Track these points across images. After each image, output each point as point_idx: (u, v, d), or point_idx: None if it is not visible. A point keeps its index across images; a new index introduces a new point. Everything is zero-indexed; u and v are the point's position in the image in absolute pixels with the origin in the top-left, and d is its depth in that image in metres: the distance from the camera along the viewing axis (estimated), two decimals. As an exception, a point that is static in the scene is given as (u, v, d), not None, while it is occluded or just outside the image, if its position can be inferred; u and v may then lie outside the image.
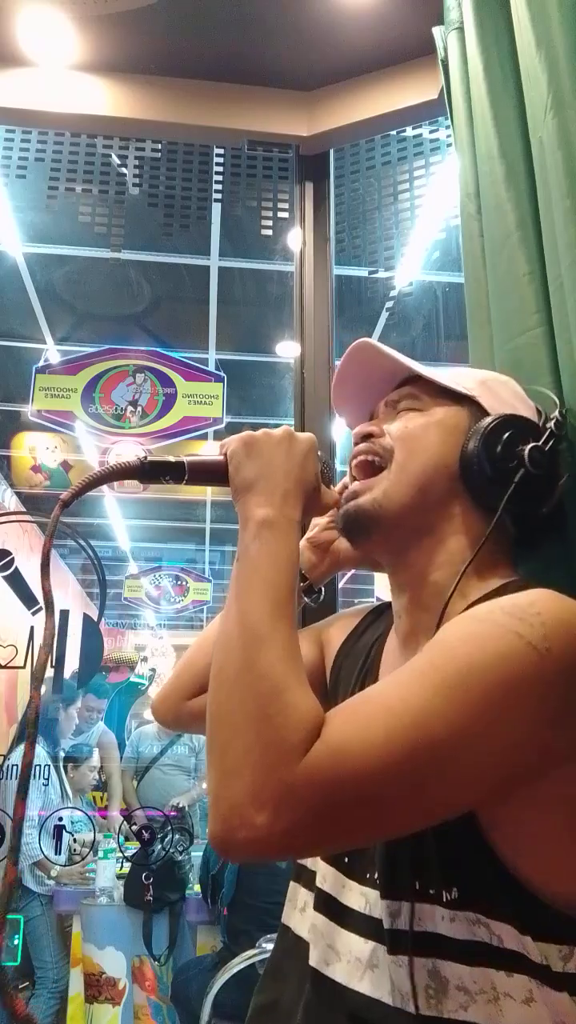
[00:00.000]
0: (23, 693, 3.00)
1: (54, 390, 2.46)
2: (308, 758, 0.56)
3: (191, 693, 0.97)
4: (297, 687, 0.61)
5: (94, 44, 1.73)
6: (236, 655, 0.62)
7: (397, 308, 2.44)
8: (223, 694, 0.62)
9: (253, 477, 0.73)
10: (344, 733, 0.58)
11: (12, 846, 0.65)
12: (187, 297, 3.25)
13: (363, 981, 0.69)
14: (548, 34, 0.99)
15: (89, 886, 2.93)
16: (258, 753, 0.56)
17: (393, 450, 0.80)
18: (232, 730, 0.59)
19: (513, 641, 0.60)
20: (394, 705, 0.59)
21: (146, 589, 5.24)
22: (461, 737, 0.57)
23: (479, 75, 1.19)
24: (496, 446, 0.76)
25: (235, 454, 0.75)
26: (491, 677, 0.59)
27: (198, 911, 2.90)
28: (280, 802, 0.55)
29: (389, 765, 0.56)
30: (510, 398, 0.84)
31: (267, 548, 0.69)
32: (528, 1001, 0.62)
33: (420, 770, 0.57)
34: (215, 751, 0.60)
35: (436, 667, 0.61)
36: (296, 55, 1.76)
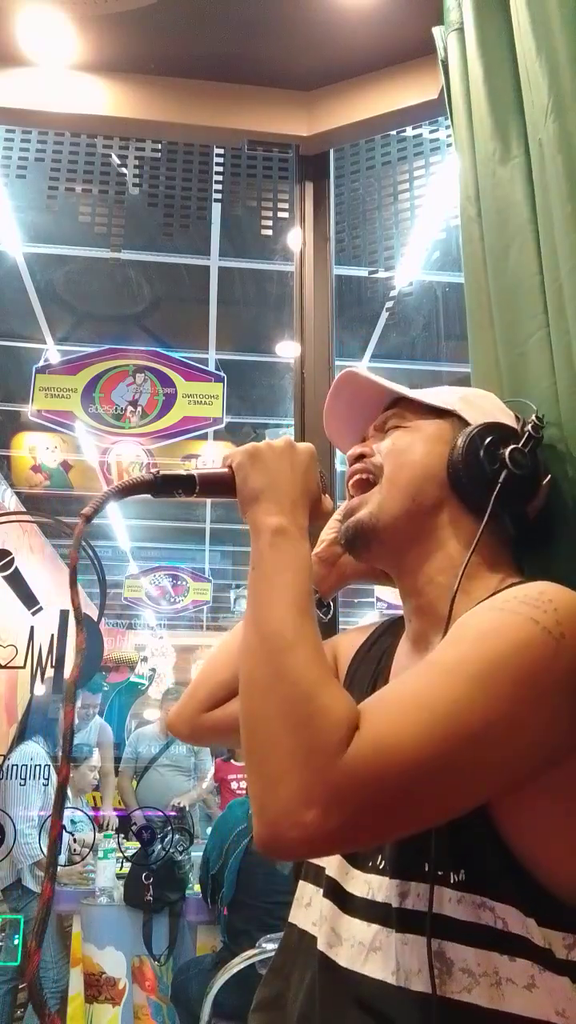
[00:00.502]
0: (23, 693, 3.00)
1: (54, 390, 2.46)
2: (350, 755, 0.58)
3: (207, 707, 0.99)
4: (330, 687, 0.63)
5: (94, 44, 1.73)
6: (265, 662, 0.64)
7: (397, 308, 2.44)
8: (257, 701, 0.63)
9: (261, 487, 0.76)
10: (382, 728, 0.60)
11: (49, 861, 0.67)
12: (187, 297, 3.26)
13: (367, 964, 0.71)
14: (548, 38, 0.99)
15: (89, 886, 2.94)
16: (302, 756, 0.58)
17: (383, 466, 0.85)
18: (271, 736, 0.60)
19: (531, 628, 0.64)
20: (427, 697, 0.61)
21: (146, 589, 5.24)
22: (494, 724, 0.60)
23: (479, 77, 1.19)
24: (479, 451, 0.81)
25: (241, 466, 0.78)
26: (515, 664, 0.62)
27: (198, 911, 2.90)
28: (328, 800, 0.56)
29: (428, 756, 0.58)
30: (491, 409, 0.89)
31: (283, 555, 0.71)
32: (530, 987, 0.64)
33: (458, 759, 0.59)
34: (256, 758, 0.61)
35: (462, 659, 0.63)
36: (296, 55, 1.76)
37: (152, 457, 2.86)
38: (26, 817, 2.52)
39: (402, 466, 0.84)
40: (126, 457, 2.82)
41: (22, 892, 2.73)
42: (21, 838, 2.49)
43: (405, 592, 0.87)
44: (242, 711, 0.65)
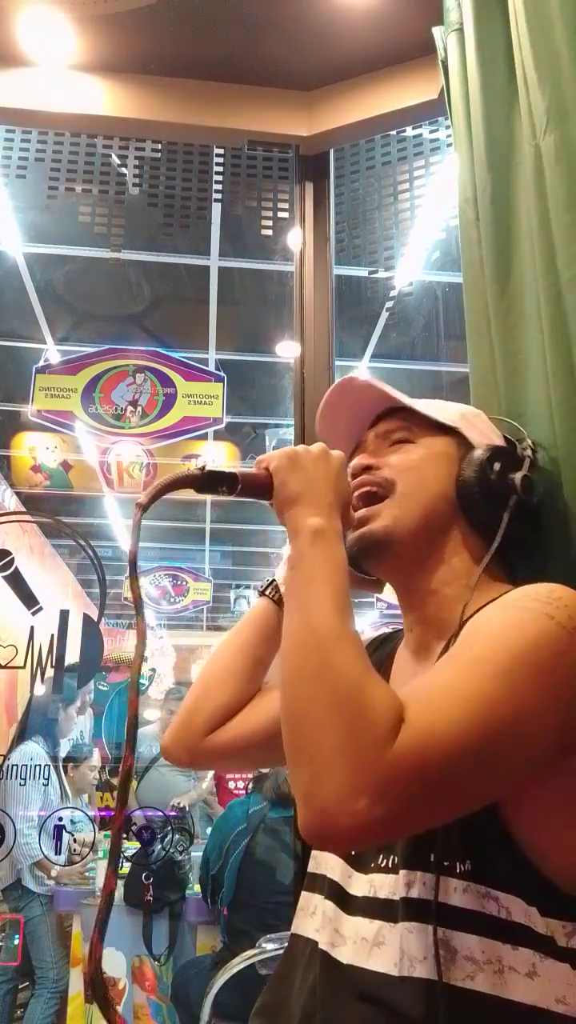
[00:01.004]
0: (23, 693, 3.00)
1: (54, 390, 2.46)
2: (399, 744, 0.60)
3: (207, 731, 0.98)
4: (377, 680, 0.65)
5: (94, 44, 1.73)
6: (315, 656, 0.66)
7: (397, 308, 2.44)
8: (304, 693, 0.65)
9: (299, 490, 0.79)
10: (427, 719, 0.62)
11: (112, 850, 0.70)
12: (187, 297, 3.26)
13: (369, 959, 0.73)
14: (547, 43, 0.98)
15: (89, 886, 2.94)
16: (353, 746, 0.60)
17: (394, 481, 0.86)
18: (320, 727, 0.62)
19: (547, 623, 0.67)
20: (461, 691, 0.64)
21: (146, 589, 5.24)
22: (523, 716, 0.63)
23: (477, 78, 1.19)
24: (490, 475, 0.85)
25: (280, 468, 0.80)
26: (536, 657, 0.65)
27: (198, 911, 2.90)
28: (378, 788, 0.58)
29: (470, 746, 0.61)
30: (486, 429, 0.92)
31: (324, 554, 0.74)
32: (531, 975, 0.66)
33: (494, 749, 0.62)
34: (303, 749, 0.63)
35: (485, 655, 0.66)
36: (296, 55, 1.76)
37: (152, 457, 2.86)
38: (26, 817, 2.52)
39: (419, 484, 0.86)
40: (126, 457, 2.82)
41: (22, 892, 2.73)
42: (21, 838, 2.49)
43: (408, 604, 0.90)
44: (287, 704, 0.66)
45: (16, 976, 2.80)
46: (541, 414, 0.97)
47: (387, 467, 0.88)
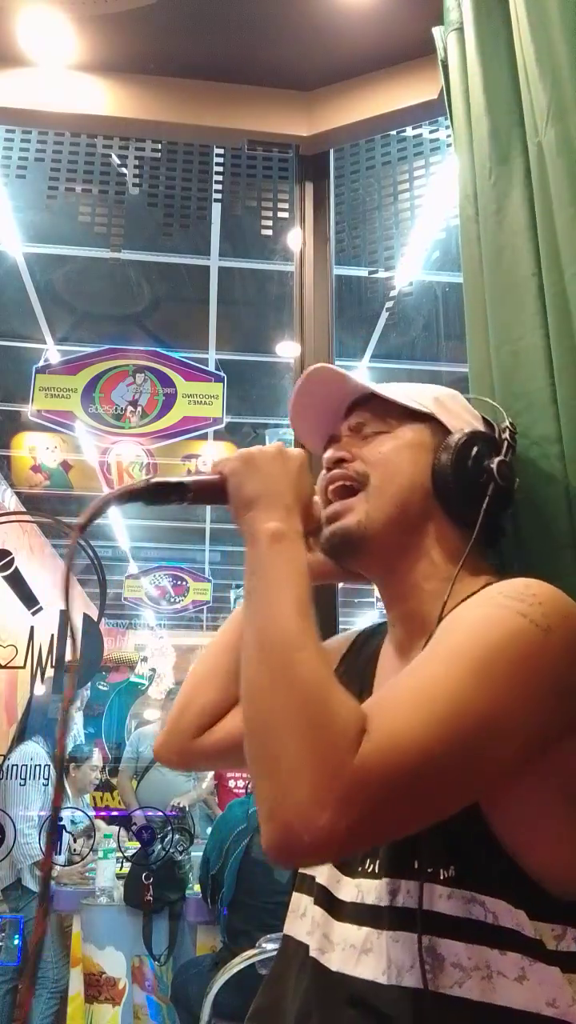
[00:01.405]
0: (23, 693, 3.00)
1: (54, 390, 2.46)
2: (361, 755, 0.58)
3: (195, 733, 0.97)
4: (337, 688, 0.63)
5: (94, 44, 1.73)
6: (273, 665, 0.64)
7: (397, 308, 2.44)
8: (264, 705, 0.63)
9: (256, 493, 0.76)
10: (390, 726, 0.60)
11: (41, 896, 0.67)
12: (187, 297, 3.26)
13: (358, 966, 0.72)
14: (548, 41, 0.99)
15: (89, 886, 2.94)
16: (315, 758, 0.58)
17: (367, 474, 0.84)
18: (281, 739, 0.60)
19: (520, 620, 0.66)
20: (429, 692, 0.62)
21: (146, 589, 5.25)
22: (495, 715, 0.62)
23: (478, 77, 1.19)
24: (466, 463, 0.82)
25: (235, 472, 0.78)
26: (508, 655, 0.64)
27: (198, 911, 2.90)
28: (342, 801, 0.56)
29: (436, 752, 0.59)
30: (462, 412, 0.89)
31: (283, 558, 0.71)
32: (520, 979, 0.65)
33: (462, 751, 0.61)
34: (265, 762, 0.61)
35: (458, 653, 0.65)
36: (296, 55, 1.76)
37: (152, 457, 2.86)
38: (26, 817, 2.52)
39: (391, 476, 0.83)
40: (126, 457, 2.82)
41: (22, 892, 2.73)
42: (21, 838, 2.49)
43: (389, 598, 0.88)
44: (247, 715, 0.64)
45: (16, 976, 2.80)
46: (540, 410, 0.97)
47: (360, 460, 0.85)
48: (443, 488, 0.82)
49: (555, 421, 0.95)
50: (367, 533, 0.82)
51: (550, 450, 0.95)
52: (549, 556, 0.92)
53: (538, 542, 0.94)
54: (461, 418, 0.88)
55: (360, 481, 0.84)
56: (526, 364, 0.99)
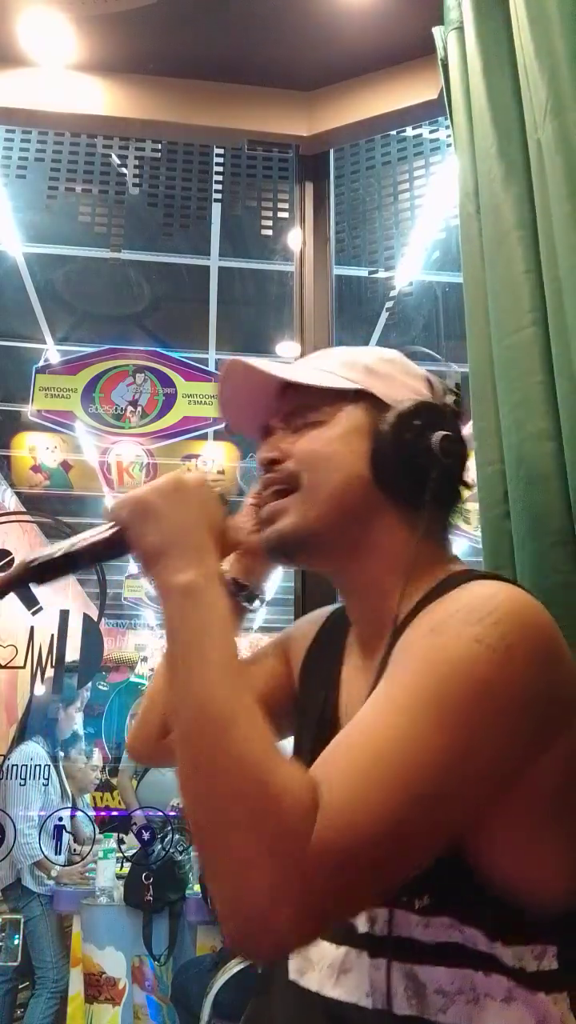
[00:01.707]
0: (23, 693, 3.00)
1: (54, 390, 2.46)
2: (317, 837, 0.53)
3: (163, 733, 0.94)
4: (281, 762, 0.57)
5: (94, 44, 1.73)
6: (202, 748, 0.57)
7: (397, 308, 2.44)
8: (203, 788, 0.57)
9: (159, 542, 0.67)
10: (343, 797, 0.55)
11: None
12: (187, 297, 3.26)
13: (336, 987, 0.69)
14: (547, 37, 0.99)
15: (89, 886, 2.94)
16: (265, 851, 0.53)
17: (299, 474, 0.77)
18: (225, 834, 0.55)
19: (473, 648, 0.60)
20: (382, 750, 0.57)
21: (146, 589, 5.23)
22: (458, 760, 0.57)
23: (478, 75, 1.19)
24: (405, 442, 0.74)
25: (132, 521, 0.69)
26: (465, 690, 0.59)
27: (198, 911, 2.90)
28: (303, 893, 0.52)
29: (399, 816, 0.55)
30: (401, 376, 0.81)
31: (199, 615, 0.63)
32: (508, 1000, 0.63)
33: (430, 807, 0.57)
34: (213, 859, 0.56)
35: (410, 693, 0.60)
36: (296, 55, 1.76)
37: (152, 457, 2.86)
38: (26, 817, 2.52)
39: (324, 473, 0.76)
40: (126, 457, 2.82)
41: (22, 892, 2.73)
42: (21, 838, 2.49)
43: (345, 593, 0.83)
44: (185, 803, 0.58)
45: (16, 976, 2.80)
46: (535, 405, 0.97)
47: (291, 459, 0.78)
48: (383, 475, 0.75)
49: (550, 417, 0.95)
50: (303, 535, 0.76)
51: (545, 446, 0.94)
52: (544, 553, 0.92)
53: (533, 539, 0.94)
54: (401, 386, 0.79)
55: (292, 483, 0.77)
56: (523, 359, 0.99)
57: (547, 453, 0.94)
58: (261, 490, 0.81)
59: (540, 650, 0.63)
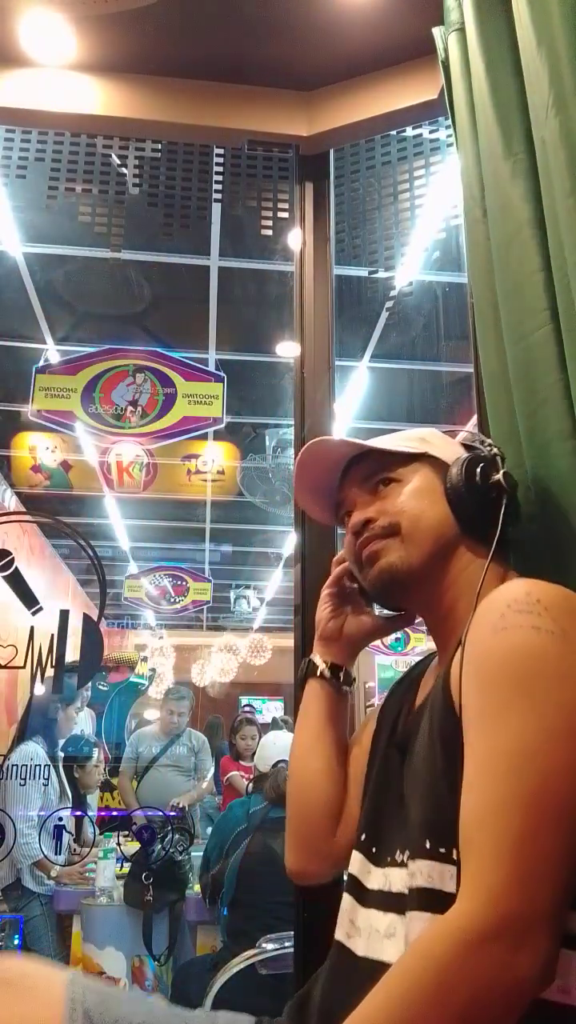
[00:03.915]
0: (23, 693, 3.00)
1: (54, 390, 2.46)
2: (506, 938, 0.59)
3: (332, 829, 0.98)
4: (456, 960, 0.61)
5: (94, 44, 1.73)
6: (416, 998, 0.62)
7: (397, 308, 2.44)
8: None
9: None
10: (508, 888, 0.60)
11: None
12: (187, 297, 3.25)
13: (381, 950, 0.76)
14: (549, 33, 0.99)
15: (89, 886, 2.93)
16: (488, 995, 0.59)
17: (397, 523, 0.90)
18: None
19: (533, 637, 0.70)
20: (501, 800, 0.64)
21: (146, 589, 5.24)
22: (565, 744, 0.65)
23: (481, 75, 1.19)
24: (475, 484, 0.89)
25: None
26: (539, 680, 0.68)
27: (198, 911, 2.89)
28: (527, 953, 0.59)
29: (551, 841, 0.62)
30: (445, 444, 0.96)
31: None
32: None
33: (567, 806, 0.63)
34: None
35: (500, 706, 0.68)
36: (296, 55, 1.76)
37: (152, 457, 2.86)
38: (26, 817, 2.52)
39: (418, 519, 0.89)
40: (126, 457, 2.82)
41: (22, 892, 2.73)
42: (21, 838, 2.49)
43: (432, 625, 0.93)
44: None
45: (16, 976, 2.80)
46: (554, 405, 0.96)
47: (382, 515, 0.91)
48: (463, 513, 0.89)
49: (569, 416, 0.94)
50: (406, 571, 0.89)
51: (566, 446, 0.94)
52: (568, 553, 0.92)
53: (557, 539, 0.94)
54: (448, 448, 0.95)
55: (392, 531, 0.90)
56: (540, 359, 0.99)
57: (570, 451, 0.94)
58: (360, 550, 0.92)
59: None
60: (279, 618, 7.10)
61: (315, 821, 0.99)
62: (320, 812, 0.99)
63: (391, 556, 0.89)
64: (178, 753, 3.80)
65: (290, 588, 1.67)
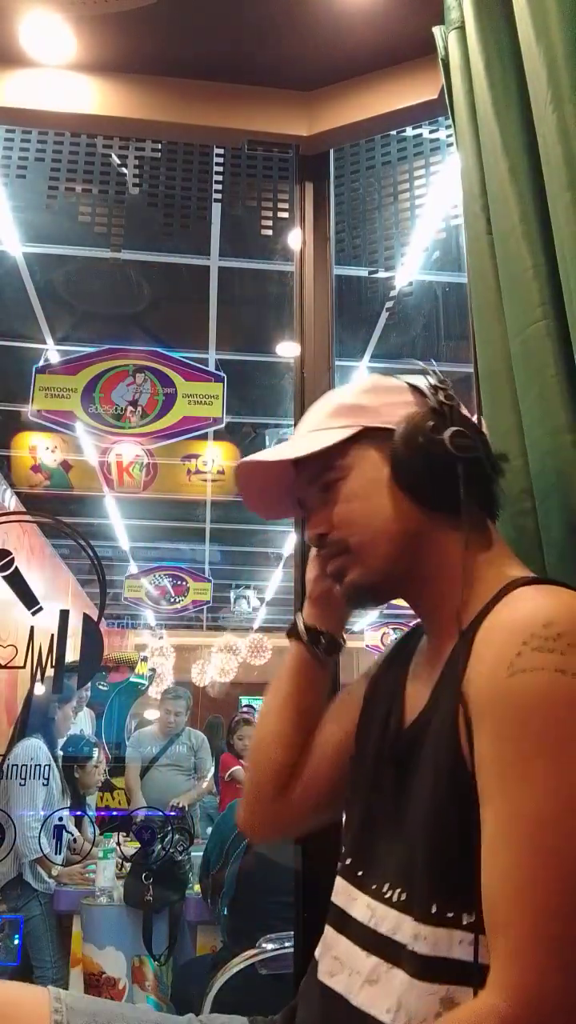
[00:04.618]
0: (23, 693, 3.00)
1: (54, 390, 2.46)
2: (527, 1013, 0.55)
3: (276, 793, 0.94)
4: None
5: (94, 44, 1.73)
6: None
7: (397, 308, 2.44)
8: None
9: None
10: (538, 985, 0.56)
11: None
12: (187, 297, 3.25)
13: (360, 995, 0.70)
14: (547, 31, 0.99)
15: (89, 886, 2.94)
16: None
17: (345, 540, 0.82)
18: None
19: (558, 682, 0.62)
20: (529, 867, 0.59)
21: (146, 589, 5.24)
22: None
23: (481, 74, 1.19)
24: (420, 456, 0.77)
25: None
26: (564, 733, 0.61)
27: (198, 911, 2.90)
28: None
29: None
30: (386, 398, 0.84)
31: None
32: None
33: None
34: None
35: (523, 763, 0.61)
36: (296, 55, 1.76)
37: (152, 457, 2.86)
38: (29, 812, 2.51)
39: (366, 527, 0.80)
40: (126, 457, 2.82)
41: (22, 891, 2.73)
42: (28, 832, 2.49)
43: (420, 614, 0.88)
44: None
45: (15, 976, 2.80)
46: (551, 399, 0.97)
47: (332, 528, 0.83)
48: (420, 493, 0.78)
49: (568, 410, 0.94)
50: (372, 582, 0.82)
51: (564, 439, 0.94)
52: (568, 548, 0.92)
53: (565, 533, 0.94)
54: (390, 408, 0.82)
55: (343, 548, 0.82)
56: (536, 353, 0.99)
57: (569, 445, 0.93)
58: (323, 566, 0.87)
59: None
60: (279, 618, 7.10)
61: (262, 785, 0.94)
62: (266, 777, 0.94)
63: (351, 574, 0.82)
64: (178, 752, 3.80)
65: (290, 588, 1.67)
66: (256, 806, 0.95)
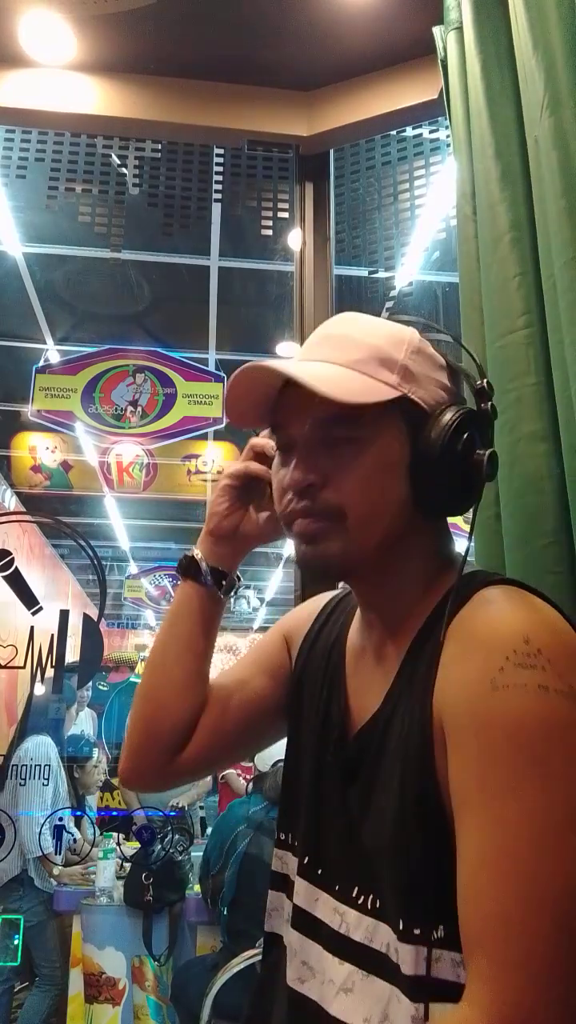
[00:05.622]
0: (23, 693, 3.00)
1: (54, 390, 2.46)
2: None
3: (174, 751, 0.86)
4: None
5: (94, 44, 1.73)
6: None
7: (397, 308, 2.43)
8: None
9: None
10: (501, 992, 0.54)
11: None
12: (187, 297, 3.25)
13: (334, 1003, 0.69)
14: (545, 34, 0.99)
15: (89, 886, 2.94)
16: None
17: (343, 509, 0.71)
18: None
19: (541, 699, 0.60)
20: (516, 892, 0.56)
21: (146, 589, 5.25)
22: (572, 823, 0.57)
23: (477, 75, 1.19)
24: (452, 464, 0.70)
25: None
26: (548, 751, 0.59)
27: (198, 911, 2.89)
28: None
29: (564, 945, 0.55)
30: (430, 372, 0.74)
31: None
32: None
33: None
34: None
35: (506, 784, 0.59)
36: (296, 55, 1.76)
37: (152, 457, 2.86)
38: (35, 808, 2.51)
39: (372, 509, 0.71)
40: (126, 457, 2.82)
41: (24, 891, 2.72)
42: (35, 827, 2.48)
43: (367, 603, 0.80)
44: None
45: (14, 977, 2.80)
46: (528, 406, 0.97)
47: (329, 487, 0.71)
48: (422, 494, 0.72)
49: (544, 418, 0.95)
50: (350, 564, 0.74)
51: (538, 447, 0.94)
52: (537, 554, 0.93)
53: (526, 540, 0.94)
54: (434, 385, 0.73)
55: (334, 516, 0.71)
56: (516, 360, 0.99)
57: (541, 454, 0.94)
58: (294, 517, 0.74)
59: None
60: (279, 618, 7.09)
61: (162, 736, 0.85)
62: (168, 729, 0.85)
63: (330, 545, 0.71)
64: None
65: (290, 588, 1.67)
66: (149, 758, 0.86)
